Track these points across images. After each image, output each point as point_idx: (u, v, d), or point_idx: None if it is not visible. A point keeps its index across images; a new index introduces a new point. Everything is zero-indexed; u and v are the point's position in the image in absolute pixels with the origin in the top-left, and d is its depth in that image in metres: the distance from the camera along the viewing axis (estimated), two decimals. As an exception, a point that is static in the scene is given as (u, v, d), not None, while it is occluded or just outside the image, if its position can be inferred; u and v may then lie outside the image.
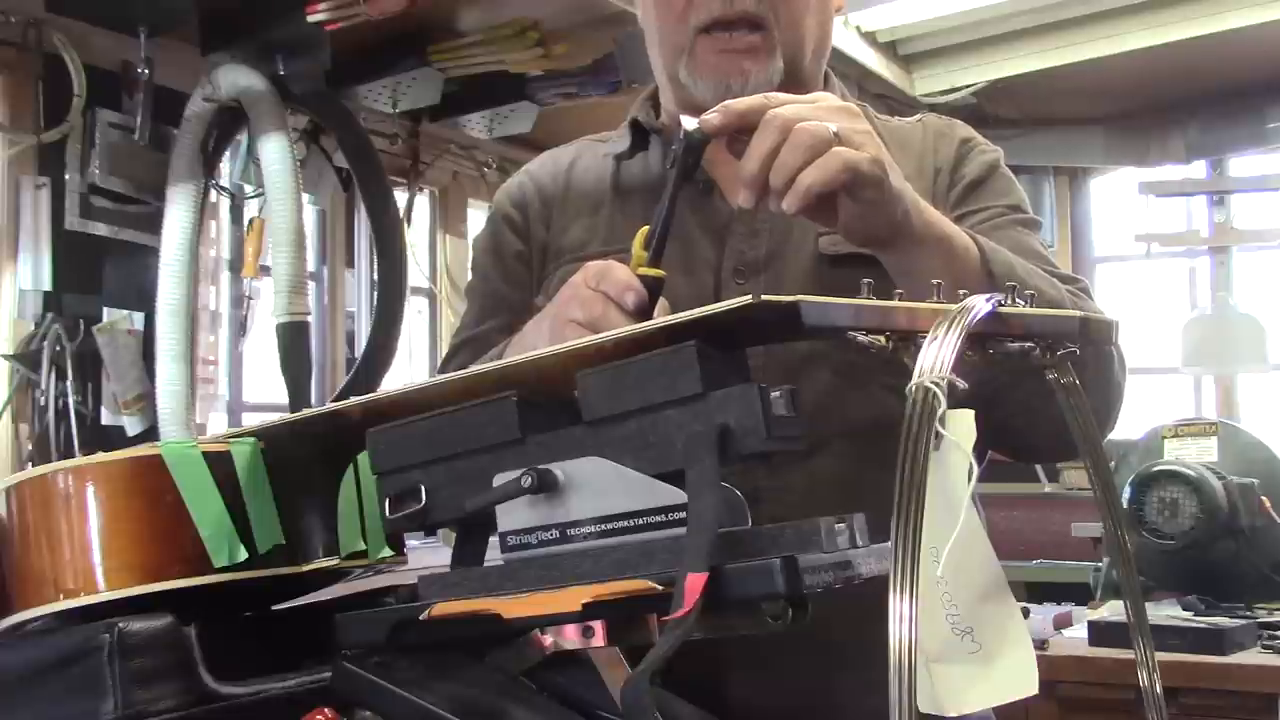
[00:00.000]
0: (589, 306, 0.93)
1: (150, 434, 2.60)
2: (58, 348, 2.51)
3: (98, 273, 2.65)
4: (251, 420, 3.01)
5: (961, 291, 0.68)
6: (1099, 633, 2.53)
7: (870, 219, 0.93)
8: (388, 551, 0.92)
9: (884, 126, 1.23)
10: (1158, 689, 0.72)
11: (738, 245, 1.14)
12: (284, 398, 2.73)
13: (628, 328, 0.74)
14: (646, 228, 0.97)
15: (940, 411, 0.59)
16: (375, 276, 3.06)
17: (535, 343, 0.98)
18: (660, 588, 0.66)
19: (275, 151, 2.63)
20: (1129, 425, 3.78)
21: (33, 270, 2.53)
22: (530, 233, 1.24)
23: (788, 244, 1.13)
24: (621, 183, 1.21)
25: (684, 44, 1.15)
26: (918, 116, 1.26)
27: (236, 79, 2.64)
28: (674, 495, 0.68)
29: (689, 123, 0.95)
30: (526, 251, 1.24)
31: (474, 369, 0.80)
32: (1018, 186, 1.21)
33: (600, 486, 0.71)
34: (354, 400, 0.84)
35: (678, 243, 1.09)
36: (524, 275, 1.24)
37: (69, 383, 2.51)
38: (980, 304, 0.65)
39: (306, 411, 0.91)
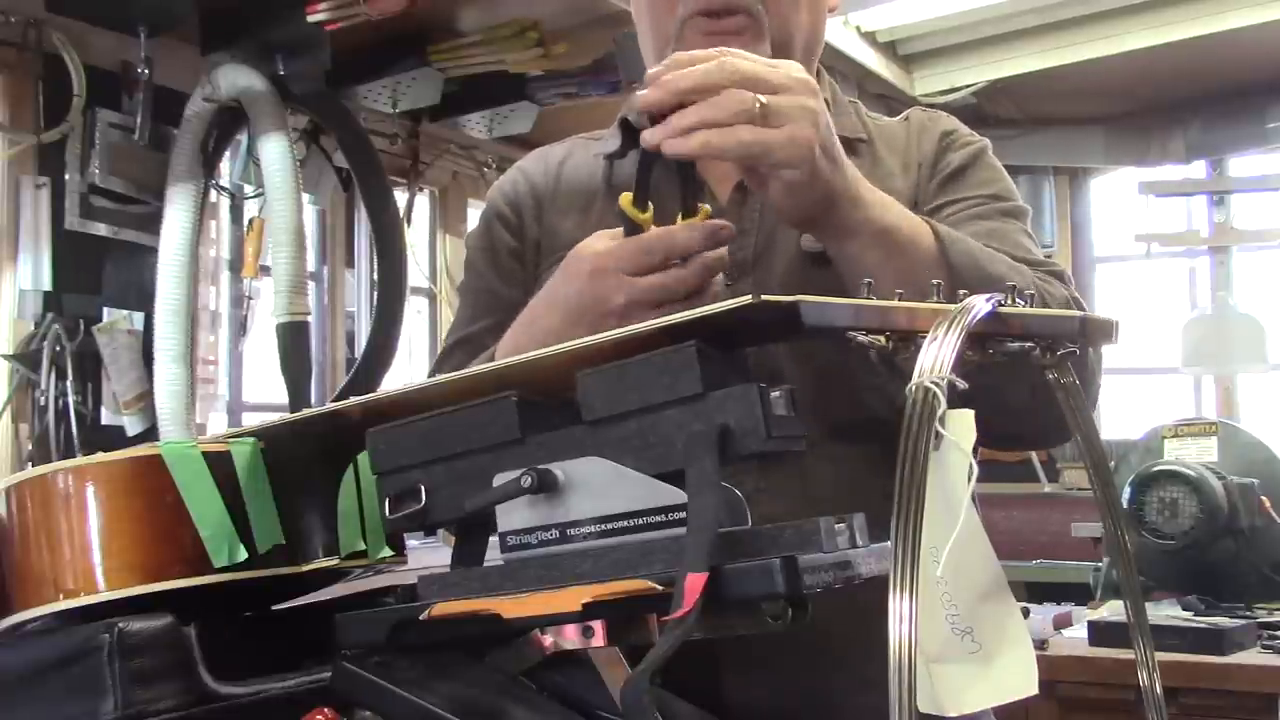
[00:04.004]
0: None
1: (150, 434, 2.60)
2: (58, 348, 2.52)
3: (98, 273, 2.65)
4: (251, 420, 3.01)
5: (961, 292, 0.67)
6: (1099, 633, 2.53)
7: (793, 198, 0.93)
8: (388, 551, 0.92)
9: (874, 125, 1.22)
10: (1158, 689, 0.72)
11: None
12: (284, 398, 2.73)
13: (627, 328, 0.73)
14: (628, 194, 0.98)
15: (940, 411, 0.59)
16: (375, 276, 3.06)
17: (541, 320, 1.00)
18: (660, 588, 0.65)
19: (275, 151, 2.63)
20: (1129, 425, 3.81)
21: (33, 270, 2.53)
22: (524, 230, 1.24)
23: (774, 243, 1.13)
24: (614, 181, 1.21)
25: (672, 33, 1.14)
26: (905, 114, 1.26)
27: (236, 79, 2.64)
28: (674, 495, 0.68)
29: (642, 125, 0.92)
30: (520, 248, 1.23)
31: (474, 369, 0.80)
32: (1003, 175, 1.19)
33: (600, 486, 0.71)
34: (354, 400, 0.84)
35: None
36: (518, 272, 1.23)
37: (69, 383, 2.52)
38: (980, 304, 0.65)
39: (306, 411, 0.91)
